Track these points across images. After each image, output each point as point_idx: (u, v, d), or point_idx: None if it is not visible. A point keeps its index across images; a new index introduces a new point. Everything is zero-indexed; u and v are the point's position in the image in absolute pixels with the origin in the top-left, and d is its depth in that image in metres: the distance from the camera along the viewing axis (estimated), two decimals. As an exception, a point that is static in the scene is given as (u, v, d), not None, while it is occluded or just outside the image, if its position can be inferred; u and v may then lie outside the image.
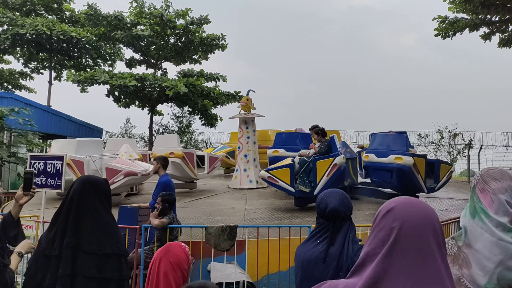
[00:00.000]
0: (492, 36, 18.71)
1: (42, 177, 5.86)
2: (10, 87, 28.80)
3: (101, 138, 24.34)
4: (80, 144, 10.77)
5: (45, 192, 5.96)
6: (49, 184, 5.83)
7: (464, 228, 1.91)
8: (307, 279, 2.45)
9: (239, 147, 12.17)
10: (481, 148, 18.19)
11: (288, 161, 9.05)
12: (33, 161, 5.95)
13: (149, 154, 13.05)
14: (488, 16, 18.10)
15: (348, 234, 2.47)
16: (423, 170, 8.88)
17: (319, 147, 8.98)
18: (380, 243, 1.36)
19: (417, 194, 9.24)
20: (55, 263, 2.47)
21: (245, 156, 11.94)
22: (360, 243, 2.52)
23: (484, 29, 18.72)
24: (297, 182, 8.75)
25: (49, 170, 5.83)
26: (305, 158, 8.87)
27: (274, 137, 11.76)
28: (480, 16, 18.18)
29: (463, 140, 18.86)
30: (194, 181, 12.28)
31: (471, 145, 18.62)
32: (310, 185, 8.66)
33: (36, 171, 5.84)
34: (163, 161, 6.90)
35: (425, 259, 1.30)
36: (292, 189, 8.62)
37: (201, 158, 12.34)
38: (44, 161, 5.90)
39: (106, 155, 10.98)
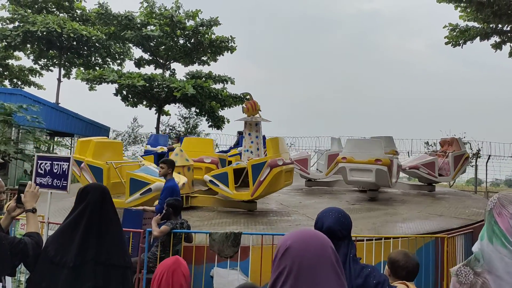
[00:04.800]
0: (503, 45, 18.58)
1: (48, 177, 5.85)
2: (19, 83, 28.99)
3: (108, 136, 24.42)
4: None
5: (51, 192, 5.96)
6: (55, 185, 5.82)
7: (481, 253, 1.84)
8: None
9: (246, 151, 12.11)
10: (489, 158, 18.06)
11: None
12: (39, 161, 5.95)
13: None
14: (500, 26, 17.98)
15: (348, 254, 2.42)
16: None
17: None
18: (278, 283, 1.40)
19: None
20: (71, 275, 2.42)
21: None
22: (360, 261, 2.48)
23: (495, 39, 18.61)
24: None
25: (55, 171, 5.82)
26: None
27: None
28: (491, 25, 18.07)
29: (471, 149, 18.74)
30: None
31: (479, 154, 18.50)
32: None
33: (42, 172, 5.85)
34: (171, 165, 6.89)
35: None
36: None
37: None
38: (50, 162, 5.90)
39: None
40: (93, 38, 23.76)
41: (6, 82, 28.42)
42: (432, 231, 7.81)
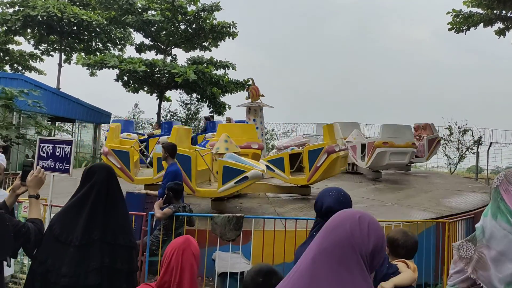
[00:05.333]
0: (507, 32, 18.42)
1: (50, 160, 5.86)
2: (20, 68, 28.87)
3: (109, 122, 24.39)
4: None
5: (53, 176, 5.97)
6: (57, 168, 5.83)
7: (482, 228, 1.82)
8: None
9: None
10: (490, 145, 18.03)
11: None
12: (42, 145, 5.95)
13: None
14: (504, 12, 17.81)
15: None
16: None
17: None
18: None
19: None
20: (77, 253, 2.44)
21: None
22: None
23: (499, 25, 18.44)
24: None
25: (57, 154, 5.83)
26: None
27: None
28: (495, 11, 17.89)
29: (473, 136, 18.70)
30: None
31: (480, 142, 18.46)
32: None
33: (44, 155, 5.85)
34: (171, 149, 6.85)
35: (340, 273, 1.40)
36: None
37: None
38: (53, 145, 5.90)
39: None
40: (93, 23, 23.58)
41: (7, 67, 28.31)
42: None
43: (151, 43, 25.78)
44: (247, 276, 2.08)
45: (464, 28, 18.50)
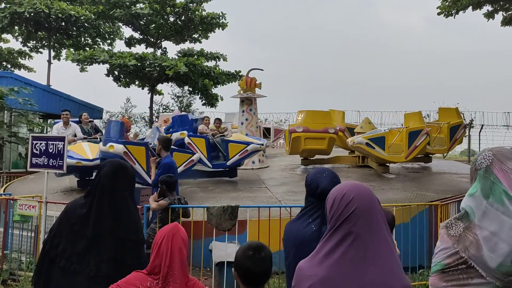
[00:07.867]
0: (496, 14, 18.45)
1: (44, 157, 5.88)
2: (9, 66, 28.58)
3: (102, 118, 24.27)
4: None
5: (47, 172, 5.99)
6: (51, 164, 5.85)
7: (471, 209, 1.80)
8: (301, 258, 2.48)
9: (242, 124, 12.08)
10: (481, 128, 18.18)
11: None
12: (34, 142, 5.96)
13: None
14: (492, -6, 17.83)
15: None
16: (143, 158, 8.29)
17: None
18: (336, 220, 1.75)
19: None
20: (90, 245, 2.53)
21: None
22: None
23: (487, 7, 18.45)
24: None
25: (50, 150, 5.85)
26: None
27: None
28: (483, -6, 17.90)
29: (464, 120, 18.81)
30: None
31: (472, 125, 18.59)
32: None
33: (37, 152, 5.87)
34: (164, 143, 6.89)
35: (374, 228, 1.71)
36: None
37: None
38: (45, 142, 5.92)
39: None
40: (81, 18, 23.33)
41: (-4, 66, 28.04)
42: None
43: (141, 37, 25.62)
44: (238, 251, 2.16)
45: (453, 12, 18.48)
